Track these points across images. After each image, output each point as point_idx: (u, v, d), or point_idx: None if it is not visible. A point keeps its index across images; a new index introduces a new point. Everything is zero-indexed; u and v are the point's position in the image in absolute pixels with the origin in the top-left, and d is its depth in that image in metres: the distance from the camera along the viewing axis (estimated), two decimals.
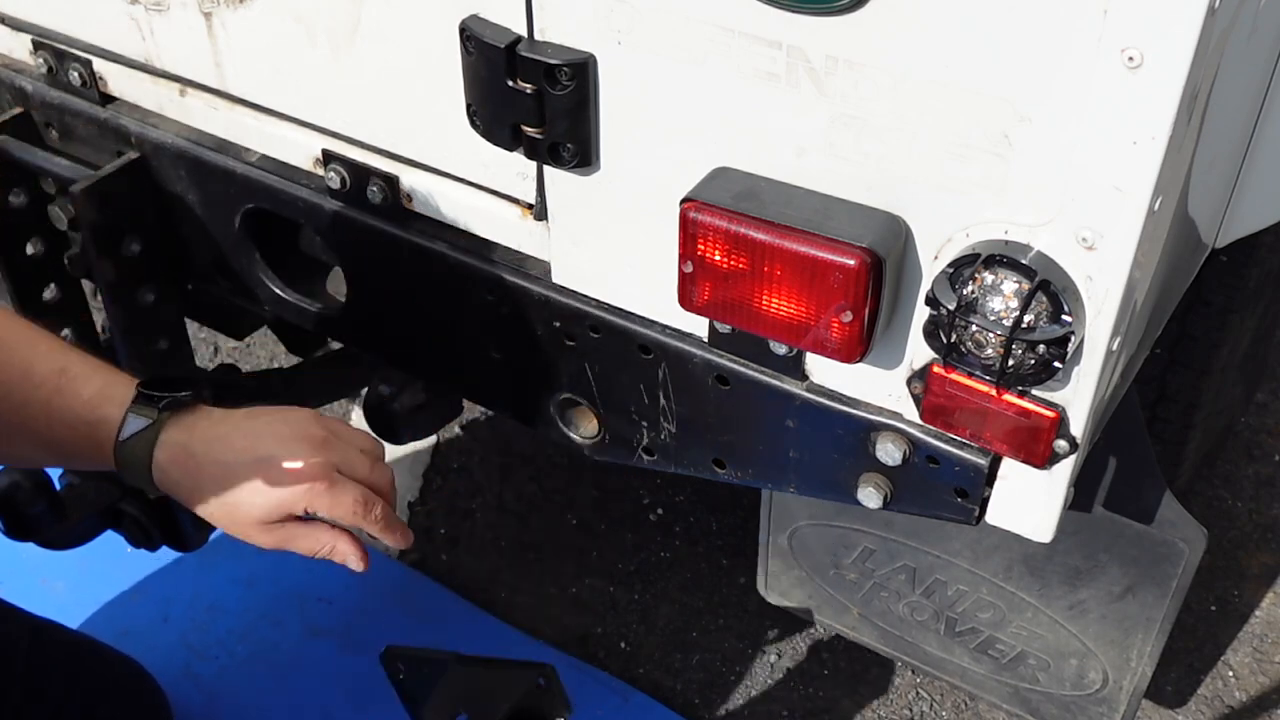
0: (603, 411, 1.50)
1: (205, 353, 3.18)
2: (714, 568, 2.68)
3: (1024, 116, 1.03)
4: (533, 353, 1.50)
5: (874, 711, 2.41)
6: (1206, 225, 1.45)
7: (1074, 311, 1.08)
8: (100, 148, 1.72)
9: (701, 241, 1.18)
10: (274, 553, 1.42)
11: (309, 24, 1.45)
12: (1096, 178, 1.02)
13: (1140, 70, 0.96)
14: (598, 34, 1.21)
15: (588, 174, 1.31)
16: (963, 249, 1.12)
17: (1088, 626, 1.76)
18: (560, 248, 1.41)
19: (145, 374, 1.39)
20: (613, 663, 2.50)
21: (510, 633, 2.51)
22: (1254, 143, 1.47)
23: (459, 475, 2.90)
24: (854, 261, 1.11)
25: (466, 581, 2.62)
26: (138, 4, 1.59)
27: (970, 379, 1.16)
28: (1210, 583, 2.61)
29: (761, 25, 1.11)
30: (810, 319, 1.17)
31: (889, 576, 1.87)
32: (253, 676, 2.40)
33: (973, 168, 1.08)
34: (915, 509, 1.33)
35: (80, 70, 1.71)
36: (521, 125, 1.28)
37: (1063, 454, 1.19)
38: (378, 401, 1.82)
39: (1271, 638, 2.54)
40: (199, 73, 1.61)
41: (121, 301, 1.70)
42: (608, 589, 2.64)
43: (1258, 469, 2.86)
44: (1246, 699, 2.44)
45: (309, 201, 1.57)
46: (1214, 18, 0.94)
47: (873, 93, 1.09)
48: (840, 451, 1.33)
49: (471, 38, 1.26)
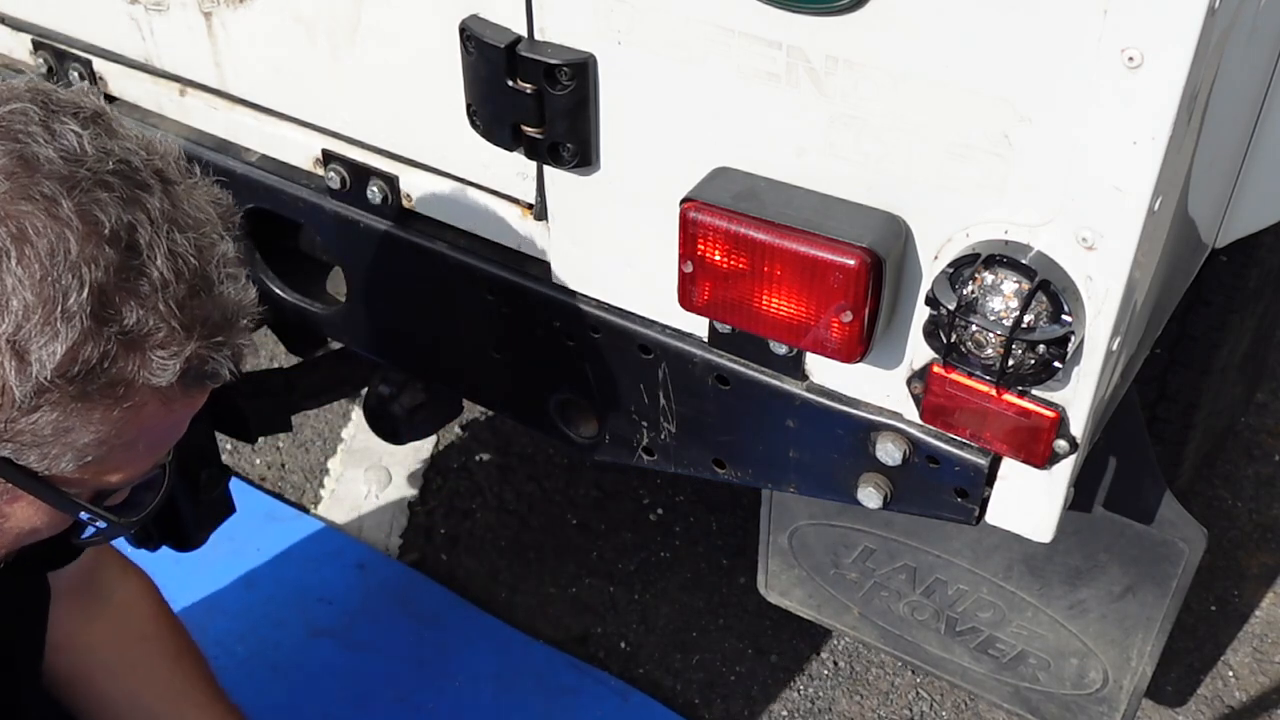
0: (603, 411, 1.50)
1: None
2: (714, 568, 2.68)
3: (1024, 116, 1.03)
4: (533, 353, 1.50)
5: (874, 711, 2.41)
6: (1206, 225, 1.45)
7: (1074, 311, 1.08)
8: None
9: (701, 241, 1.18)
10: (274, 553, 1.42)
11: (309, 24, 1.45)
12: (1096, 178, 1.02)
13: (1140, 70, 0.96)
14: (598, 34, 1.21)
15: (588, 174, 1.31)
16: (963, 249, 1.12)
17: (1088, 626, 1.76)
18: (560, 248, 1.41)
19: None
20: (613, 663, 2.50)
21: (510, 633, 2.51)
22: (1254, 143, 1.47)
23: (459, 475, 2.90)
24: (854, 261, 1.11)
25: (466, 581, 2.62)
26: (138, 4, 1.59)
27: (970, 379, 1.16)
28: (1210, 583, 2.61)
29: (761, 25, 1.11)
30: (810, 319, 1.17)
31: (889, 576, 1.87)
32: (253, 676, 2.40)
33: (973, 168, 1.08)
34: (915, 509, 1.33)
35: (80, 70, 1.71)
36: (521, 125, 1.28)
37: (1063, 454, 1.19)
38: (378, 401, 1.82)
39: (1271, 638, 2.54)
40: (199, 73, 1.61)
41: None
42: (608, 589, 2.64)
43: (1258, 469, 2.86)
44: (1246, 699, 2.44)
45: (309, 201, 1.57)
46: (1214, 18, 0.94)
47: (873, 93, 1.09)
48: (840, 451, 1.33)
49: (471, 38, 1.26)
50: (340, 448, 2.97)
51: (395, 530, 2.75)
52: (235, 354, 1.10)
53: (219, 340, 1.07)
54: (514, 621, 2.54)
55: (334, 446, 2.97)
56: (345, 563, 2.63)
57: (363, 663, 2.44)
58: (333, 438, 2.99)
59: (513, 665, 2.45)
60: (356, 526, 2.74)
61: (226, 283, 1.07)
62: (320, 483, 2.87)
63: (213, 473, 1.95)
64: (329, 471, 2.90)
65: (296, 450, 2.96)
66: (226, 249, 1.09)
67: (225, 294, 1.07)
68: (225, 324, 1.07)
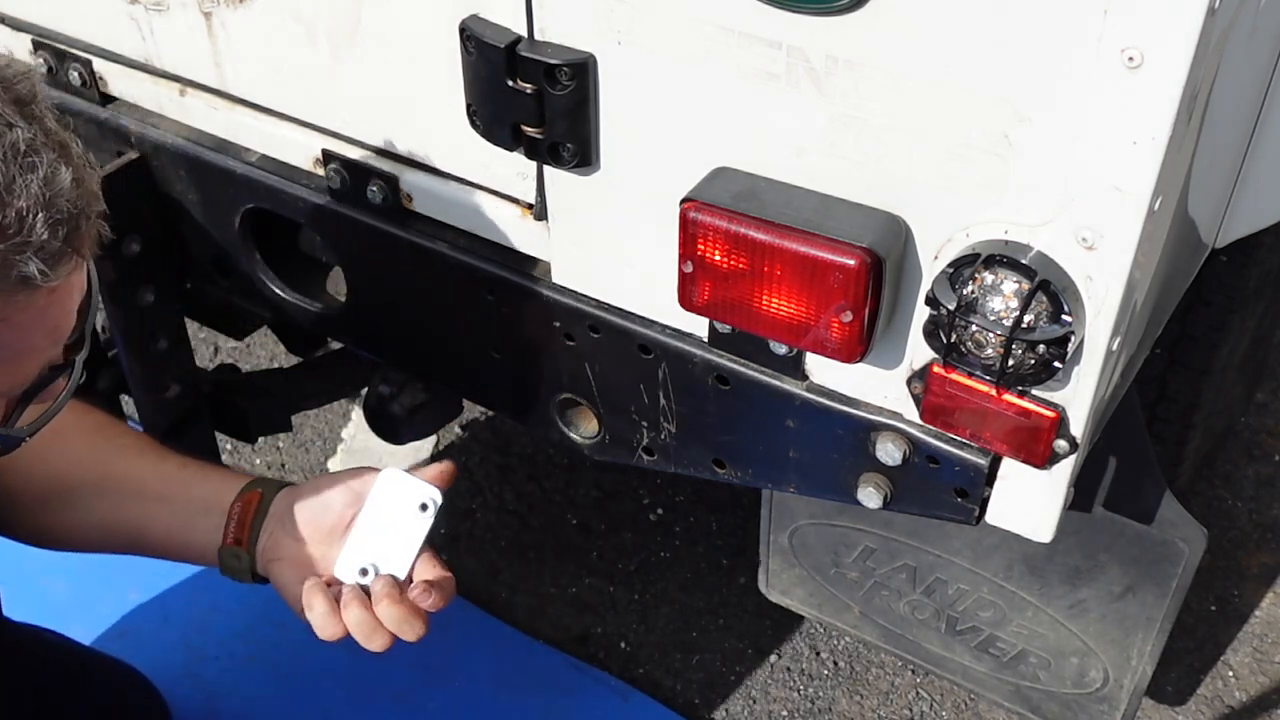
0: (603, 411, 1.50)
1: (205, 353, 3.18)
2: (714, 568, 2.68)
3: (1024, 116, 1.03)
4: (533, 353, 1.50)
5: (874, 712, 2.41)
6: (1206, 225, 1.45)
7: (1074, 311, 1.08)
8: (100, 148, 1.72)
9: (701, 241, 1.18)
10: None
11: (309, 24, 1.45)
12: (1096, 178, 1.02)
13: (1140, 70, 0.96)
14: (598, 34, 1.21)
15: (587, 174, 1.31)
16: (963, 249, 1.12)
17: (1088, 625, 1.76)
18: (560, 248, 1.41)
19: (147, 376, 1.40)
20: (613, 663, 2.50)
21: (510, 633, 2.51)
22: (1254, 143, 1.47)
23: (459, 475, 2.90)
24: (854, 261, 1.11)
25: (466, 581, 2.62)
26: (138, 4, 1.59)
27: (970, 379, 1.16)
28: (1210, 583, 2.61)
29: (761, 25, 1.11)
30: (810, 319, 1.17)
31: (890, 575, 1.87)
32: (253, 676, 2.40)
33: (973, 168, 1.08)
34: (915, 509, 1.33)
35: (80, 70, 1.71)
36: (521, 125, 1.28)
37: (1063, 454, 1.19)
38: (378, 401, 1.82)
39: (1271, 638, 2.54)
40: (199, 73, 1.61)
41: (121, 301, 1.70)
42: (608, 589, 2.64)
43: (1258, 469, 2.86)
44: (1246, 699, 2.44)
45: (309, 201, 1.57)
46: (1214, 18, 0.94)
47: (872, 93, 1.09)
48: (840, 451, 1.33)
49: (471, 37, 1.26)
50: (340, 448, 2.97)
51: None
52: (51, 253, 1.02)
53: (17, 243, 1.00)
54: (514, 621, 2.54)
55: (334, 446, 2.97)
56: None
57: (362, 663, 2.43)
58: (333, 438, 2.99)
59: (513, 665, 2.45)
60: None
61: (17, 178, 0.99)
62: None
63: None
64: (329, 471, 2.90)
65: (296, 450, 2.96)
66: (15, 137, 1.00)
67: (14, 189, 0.99)
68: (19, 223, 1.00)
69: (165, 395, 1.81)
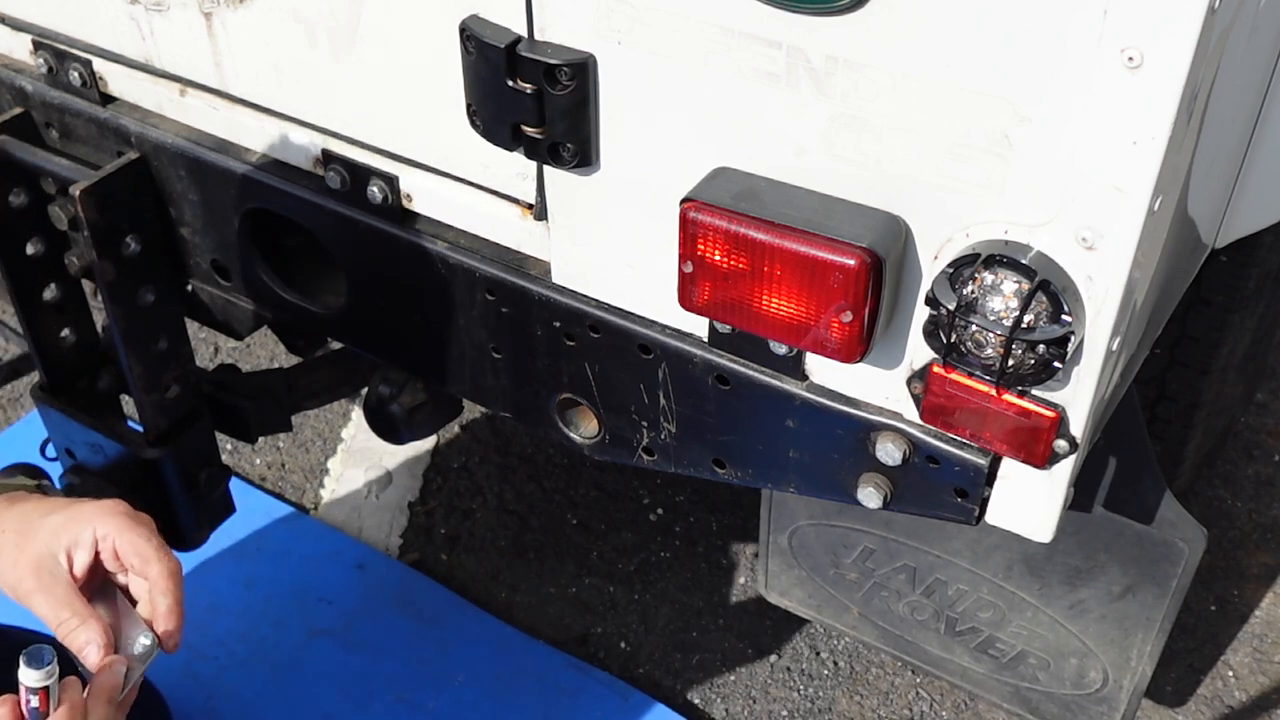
0: (603, 411, 1.50)
1: (205, 353, 3.18)
2: (714, 568, 2.68)
3: (1024, 116, 1.03)
4: (533, 353, 1.50)
5: (874, 712, 2.42)
6: (1206, 225, 1.45)
7: (1074, 311, 1.08)
8: (100, 148, 1.72)
9: (701, 241, 1.18)
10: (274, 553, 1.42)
11: (309, 24, 1.45)
12: (1096, 178, 1.02)
13: (1140, 70, 0.96)
14: (598, 34, 1.21)
15: (587, 174, 1.31)
16: (963, 249, 1.12)
17: (1088, 626, 1.76)
18: (560, 248, 1.41)
19: (147, 376, 1.39)
20: (613, 663, 2.50)
21: (510, 633, 2.51)
22: (1254, 143, 1.47)
23: (459, 475, 2.90)
24: (854, 261, 1.11)
25: (466, 581, 2.62)
26: (138, 4, 1.59)
27: (970, 379, 1.16)
28: (1210, 583, 2.61)
29: (761, 25, 1.11)
30: (810, 319, 1.17)
31: (889, 576, 1.87)
32: (253, 676, 2.40)
33: (973, 168, 1.08)
34: (915, 509, 1.33)
35: (80, 70, 1.71)
36: (521, 125, 1.28)
37: (1063, 454, 1.19)
38: (378, 401, 1.82)
39: (1271, 638, 2.54)
40: (199, 73, 1.61)
41: (121, 301, 1.70)
42: (608, 589, 2.64)
43: (1258, 469, 2.86)
44: (1246, 699, 2.44)
45: (309, 201, 1.57)
46: (1214, 18, 0.94)
47: (872, 93, 1.09)
48: (840, 451, 1.33)
49: (471, 38, 1.26)
50: (340, 448, 2.97)
51: (395, 530, 2.75)
52: None
53: None
54: (514, 621, 2.55)
55: (334, 446, 2.97)
56: (345, 563, 2.63)
57: (362, 662, 2.45)
58: (333, 438, 2.99)
59: (513, 665, 2.45)
60: (356, 527, 2.75)
61: None
62: (320, 483, 2.87)
63: (213, 473, 1.95)
64: (329, 471, 2.90)
65: (296, 450, 2.96)
66: None
67: None
68: None
69: (165, 395, 1.81)
